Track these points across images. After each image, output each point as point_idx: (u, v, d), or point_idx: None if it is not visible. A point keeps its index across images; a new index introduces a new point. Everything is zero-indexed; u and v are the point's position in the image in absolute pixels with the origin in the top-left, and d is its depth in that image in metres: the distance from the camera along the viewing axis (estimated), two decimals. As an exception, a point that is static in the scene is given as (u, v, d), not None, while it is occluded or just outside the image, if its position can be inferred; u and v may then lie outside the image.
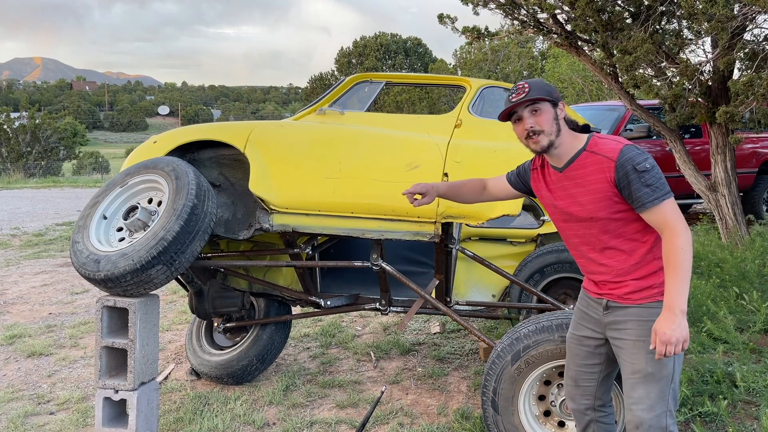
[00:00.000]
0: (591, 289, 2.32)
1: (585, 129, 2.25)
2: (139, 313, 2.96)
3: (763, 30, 5.40)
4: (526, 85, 2.19)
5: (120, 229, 3.16)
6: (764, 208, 8.89)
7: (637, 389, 2.16)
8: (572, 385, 2.42)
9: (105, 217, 3.17)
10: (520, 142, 2.27)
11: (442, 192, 2.65)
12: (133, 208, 3.15)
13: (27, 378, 4.24)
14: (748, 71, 5.31)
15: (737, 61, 5.42)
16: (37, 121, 31.14)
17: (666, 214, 2.05)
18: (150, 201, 3.22)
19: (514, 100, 2.19)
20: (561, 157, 2.22)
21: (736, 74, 5.73)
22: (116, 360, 3.05)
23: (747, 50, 5.22)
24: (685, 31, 5.62)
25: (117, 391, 2.97)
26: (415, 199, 2.62)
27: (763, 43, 5.25)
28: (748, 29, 5.20)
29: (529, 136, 2.20)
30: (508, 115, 2.24)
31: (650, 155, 2.11)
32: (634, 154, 2.08)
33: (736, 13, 4.77)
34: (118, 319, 3.05)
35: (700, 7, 4.75)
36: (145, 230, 3.04)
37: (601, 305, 2.26)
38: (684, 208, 9.56)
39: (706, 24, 4.82)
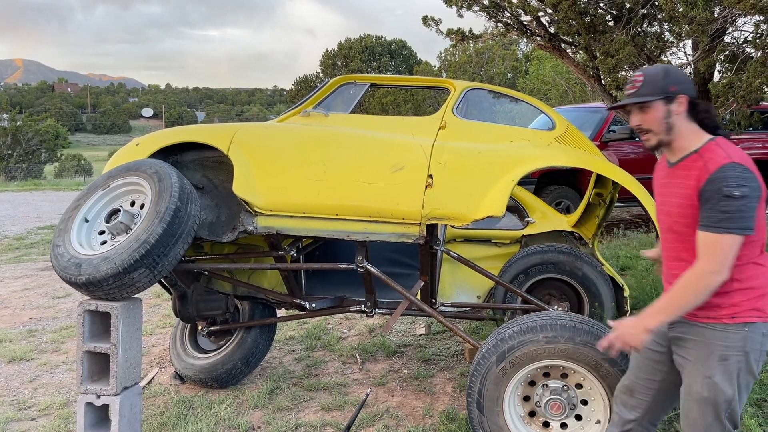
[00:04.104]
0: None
1: (715, 130, 2.11)
2: (122, 317, 2.93)
3: (743, 32, 5.47)
4: (640, 80, 2.09)
5: (102, 233, 3.13)
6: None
7: (694, 410, 2.09)
8: (627, 394, 2.33)
9: (87, 221, 3.14)
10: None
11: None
12: (116, 211, 3.12)
13: (8, 383, 4.18)
14: (729, 73, 5.37)
15: (717, 64, 5.48)
16: (18, 123, 30.80)
17: (708, 247, 1.94)
18: (132, 204, 3.19)
19: (626, 94, 2.10)
20: (676, 152, 2.13)
21: (716, 76, 5.80)
22: (98, 365, 3.01)
23: (727, 52, 5.28)
24: (666, 33, 5.68)
25: (99, 396, 2.94)
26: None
27: (743, 45, 5.32)
28: (728, 32, 5.27)
29: (639, 131, 2.13)
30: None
31: (755, 185, 1.93)
32: (730, 175, 1.93)
33: (716, 15, 4.82)
34: (101, 323, 3.02)
35: (681, 10, 4.80)
36: (127, 233, 3.01)
37: None
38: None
39: (686, 27, 4.87)
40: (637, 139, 8.47)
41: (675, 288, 2.00)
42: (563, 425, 2.78)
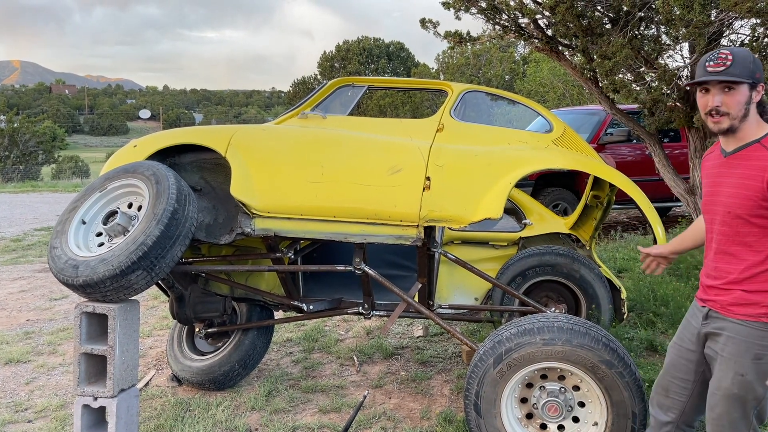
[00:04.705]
0: (699, 296, 2.23)
1: None
2: (119, 319, 2.92)
3: (739, 35, 5.49)
4: (730, 58, 1.98)
5: (99, 234, 3.12)
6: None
7: (720, 405, 2.07)
8: (662, 394, 2.31)
9: (84, 222, 3.14)
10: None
11: (673, 248, 2.47)
12: (113, 213, 3.12)
13: (4, 386, 4.17)
14: (725, 76, 5.36)
15: (714, 66, 5.47)
16: (16, 125, 30.79)
17: None
18: (130, 206, 3.18)
19: (710, 70, 2.00)
20: (735, 141, 2.07)
21: (713, 79, 5.78)
22: (95, 367, 3.00)
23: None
24: (663, 36, 5.69)
25: (96, 398, 2.93)
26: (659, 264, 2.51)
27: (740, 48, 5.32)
28: (725, 35, 5.28)
29: (711, 114, 2.03)
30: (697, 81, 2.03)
31: None
32: None
33: (713, 18, 4.83)
34: (98, 325, 3.01)
35: (678, 13, 4.81)
36: (124, 235, 3.01)
37: (702, 314, 2.16)
38: (663, 212, 9.67)
39: (683, 30, 4.88)
40: (635, 141, 8.48)
41: None
42: (560, 427, 2.78)
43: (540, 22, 6.11)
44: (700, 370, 2.21)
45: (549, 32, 6.11)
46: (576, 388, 2.75)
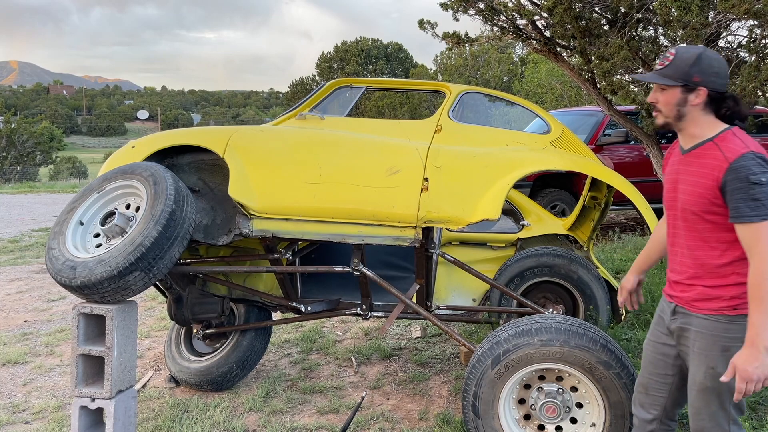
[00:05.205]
0: (666, 290, 2.26)
1: (730, 119, 2.09)
2: (117, 320, 2.92)
3: (737, 37, 5.50)
4: (670, 59, 2.07)
5: (97, 235, 3.12)
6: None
7: (698, 399, 2.10)
8: (642, 392, 2.33)
9: (82, 223, 3.13)
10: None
11: (640, 269, 2.54)
12: (111, 214, 3.12)
13: (1, 387, 4.16)
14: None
15: (712, 68, 5.49)
16: (13, 125, 30.73)
17: (760, 236, 1.90)
18: (128, 206, 3.18)
19: (656, 68, 2.10)
20: (688, 139, 2.12)
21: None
22: (93, 368, 3.00)
23: (721, 57, 5.30)
24: (661, 38, 5.71)
25: (94, 400, 2.93)
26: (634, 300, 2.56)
27: (737, 49, 5.35)
28: (722, 36, 5.30)
29: (652, 106, 2.15)
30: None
31: None
32: (751, 163, 1.91)
33: (710, 20, 4.85)
34: (95, 326, 3.01)
35: (675, 14, 4.82)
36: (122, 236, 3.01)
37: (670, 309, 2.20)
38: (661, 213, 9.68)
39: (681, 31, 4.90)
40: (633, 142, 8.49)
41: (758, 294, 1.91)
42: (558, 428, 2.78)
43: (538, 23, 6.12)
44: (678, 363, 2.23)
45: (547, 33, 6.12)
46: (574, 389, 2.76)
